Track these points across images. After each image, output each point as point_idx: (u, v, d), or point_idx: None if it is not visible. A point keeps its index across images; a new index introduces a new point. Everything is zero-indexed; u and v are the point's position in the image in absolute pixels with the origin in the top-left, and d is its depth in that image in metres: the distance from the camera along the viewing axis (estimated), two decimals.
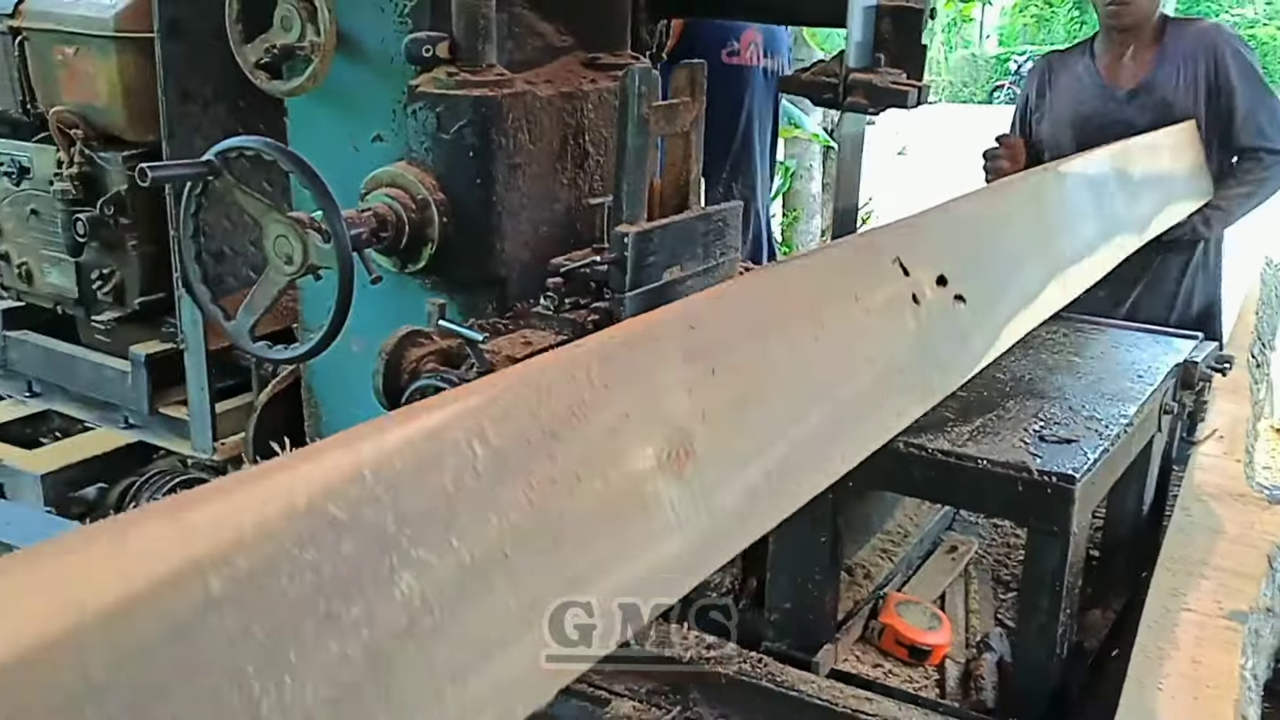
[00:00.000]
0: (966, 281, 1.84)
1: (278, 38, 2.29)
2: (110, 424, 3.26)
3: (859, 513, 2.23)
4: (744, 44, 3.78)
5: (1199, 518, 2.22)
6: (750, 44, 3.80)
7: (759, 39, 3.81)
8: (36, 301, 3.42)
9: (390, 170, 2.24)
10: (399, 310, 2.31)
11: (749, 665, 1.94)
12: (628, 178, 2.11)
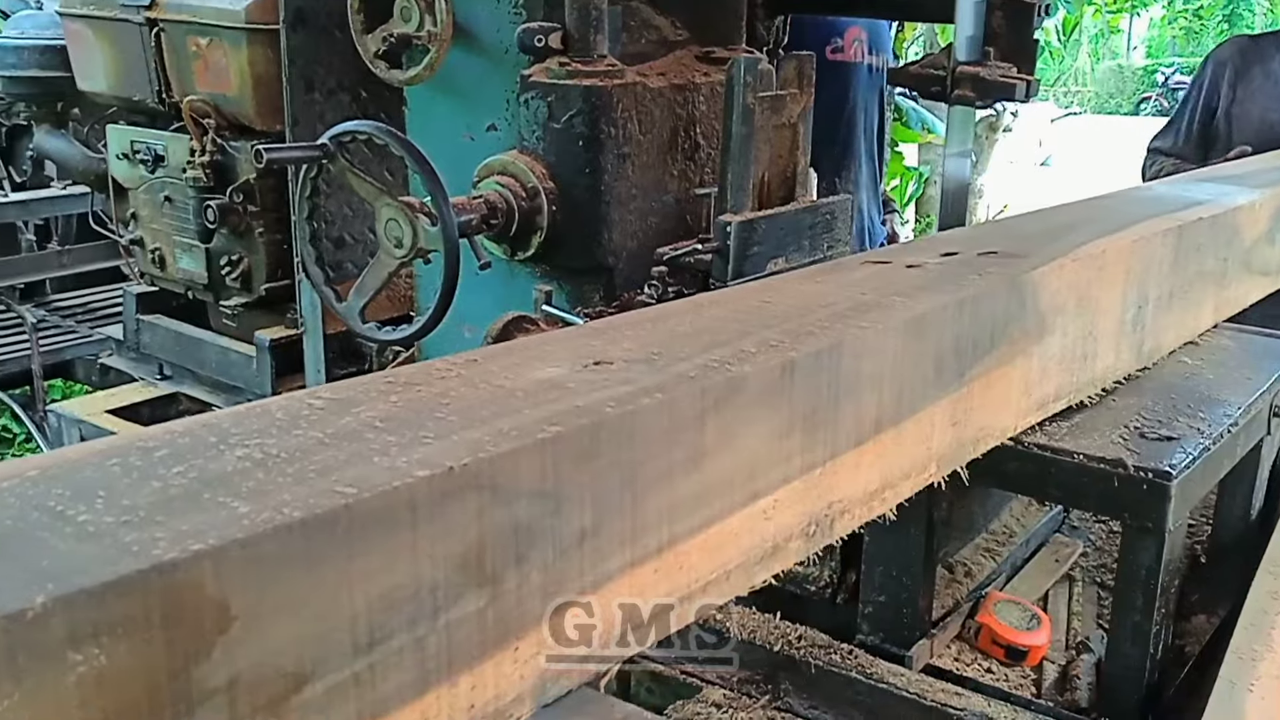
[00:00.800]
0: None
1: (397, 28, 2.34)
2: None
3: (961, 510, 2.20)
4: (848, 40, 3.76)
5: None
6: (855, 40, 3.77)
7: (864, 36, 3.79)
8: (169, 287, 3.55)
9: (502, 158, 2.28)
10: (509, 297, 2.35)
11: (839, 657, 1.93)
12: (732, 167, 2.13)
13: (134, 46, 3.39)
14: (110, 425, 3.32)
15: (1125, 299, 1.80)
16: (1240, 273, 2.29)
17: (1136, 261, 1.79)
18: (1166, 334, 2.04)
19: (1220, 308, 2.26)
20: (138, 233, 3.54)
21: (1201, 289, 2.12)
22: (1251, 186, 2.41)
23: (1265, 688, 1.61)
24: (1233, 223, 2.17)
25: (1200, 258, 2.06)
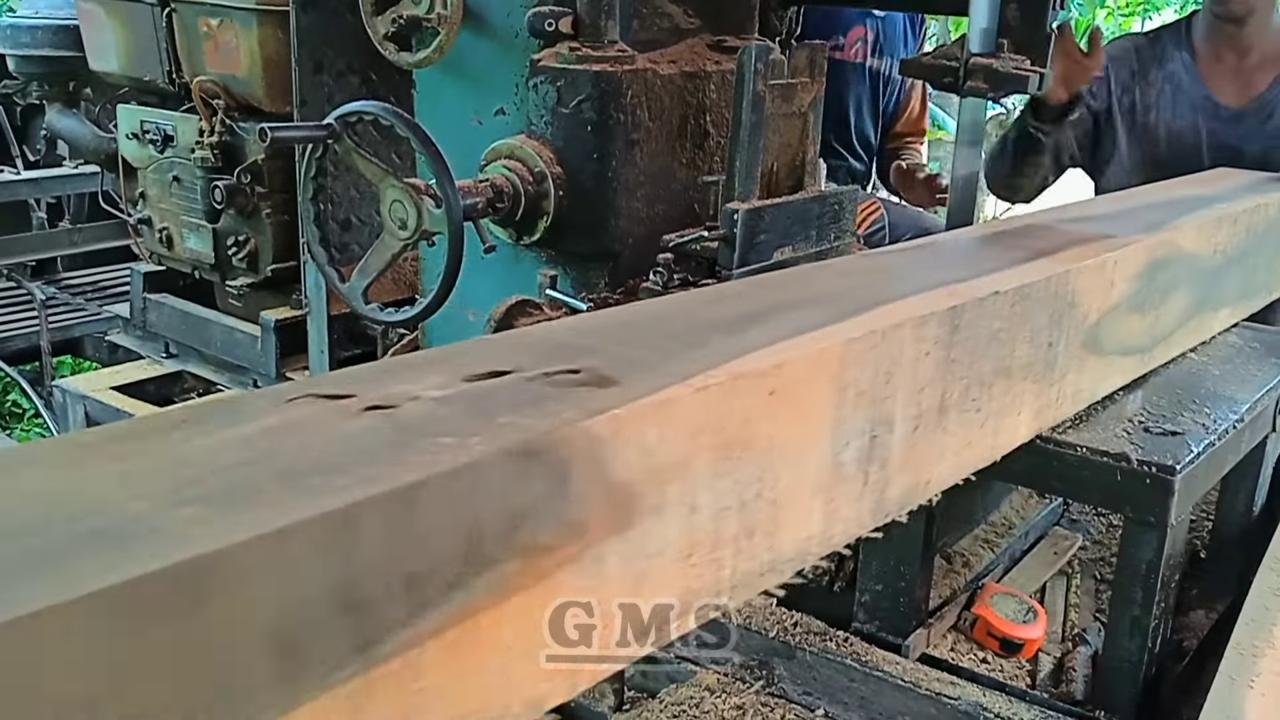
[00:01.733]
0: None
1: (407, 10, 2.34)
2: (239, 386, 3.37)
3: (961, 501, 2.20)
4: (849, 40, 3.77)
5: None
6: (856, 41, 3.79)
7: (869, 38, 3.80)
8: (176, 266, 3.56)
9: (510, 142, 2.28)
10: (514, 282, 2.36)
11: (834, 644, 1.93)
12: (741, 155, 2.12)
13: (146, 27, 3.41)
14: (115, 402, 3.33)
15: (837, 429, 1.22)
16: (1081, 359, 1.76)
17: (860, 367, 1.23)
18: (938, 464, 1.47)
19: (1046, 411, 1.71)
20: (146, 212, 3.55)
21: (1009, 391, 1.57)
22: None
23: (1266, 684, 1.60)
24: (1064, 290, 1.63)
25: (1001, 347, 1.51)
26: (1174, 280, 1.98)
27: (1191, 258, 2.04)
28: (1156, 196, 2.30)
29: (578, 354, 1.07)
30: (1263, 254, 2.40)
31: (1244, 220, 2.22)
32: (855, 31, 3.79)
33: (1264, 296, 2.49)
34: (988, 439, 1.56)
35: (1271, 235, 2.42)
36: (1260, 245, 2.35)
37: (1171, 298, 2.00)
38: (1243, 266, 2.30)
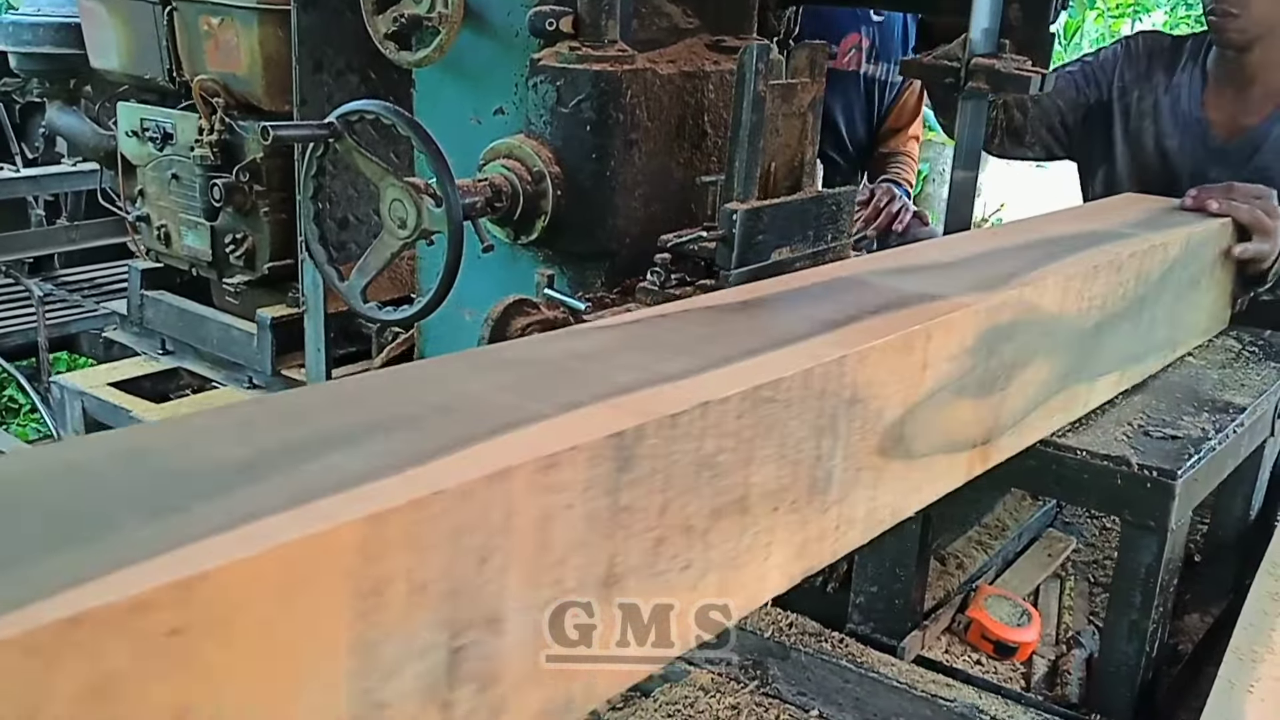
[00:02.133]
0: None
1: (407, 9, 2.34)
2: (235, 383, 3.37)
3: (957, 503, 2.20)
4: (843, 48, 3.77)
5: None
6: (850, 49, 3.79)
7: (865, 45, 3.80)
8: (173, 263, 3.56)
9: (509, 142, 2.28)
10: (511, 282, 2.35)
11: (830, 645, 1.93)
12: (740, 155, 2.12)
13: (146, 25, 3.40)
14: (112, 398, 3.32)
15: (368, 653, 0.80)
16: (876, 469, 1.36)
17: (414, 550, 0.81)
18: (612, 658, 1.05)
19: (817, 545, 1.30)
20: (144, 209, 3.55)
21: (745, 530, 1.16)
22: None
23: (1265, 689, 1.61)
24: (839, 384, 1.24)
25: (724, 476, 1.11)
26: (1026, 350, 1.62)
27: (1053, 319, 1.68)
28: (1018, 236, 1.94)
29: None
30: (1161, 304, 2.06)
31: (1132, 266, 1.89)
32: (849, 39, 3.79)
33: (1164, 355, 2.18)
34: (709, 601, 1.14)
35: (1172, 280, 2.08)
36: (1158, 293, 2.02)
37: (1023, 373, 1.63)
38: (1131, 323, 1.96)
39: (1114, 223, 2.10)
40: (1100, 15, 12.46)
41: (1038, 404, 1.71)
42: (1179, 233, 2.08)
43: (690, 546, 1.09)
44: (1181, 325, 2.21)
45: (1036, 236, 1.93)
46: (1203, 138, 2.81)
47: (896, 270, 1.63)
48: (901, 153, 4.07)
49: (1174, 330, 2.18)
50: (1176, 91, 2.86)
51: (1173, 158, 2.85)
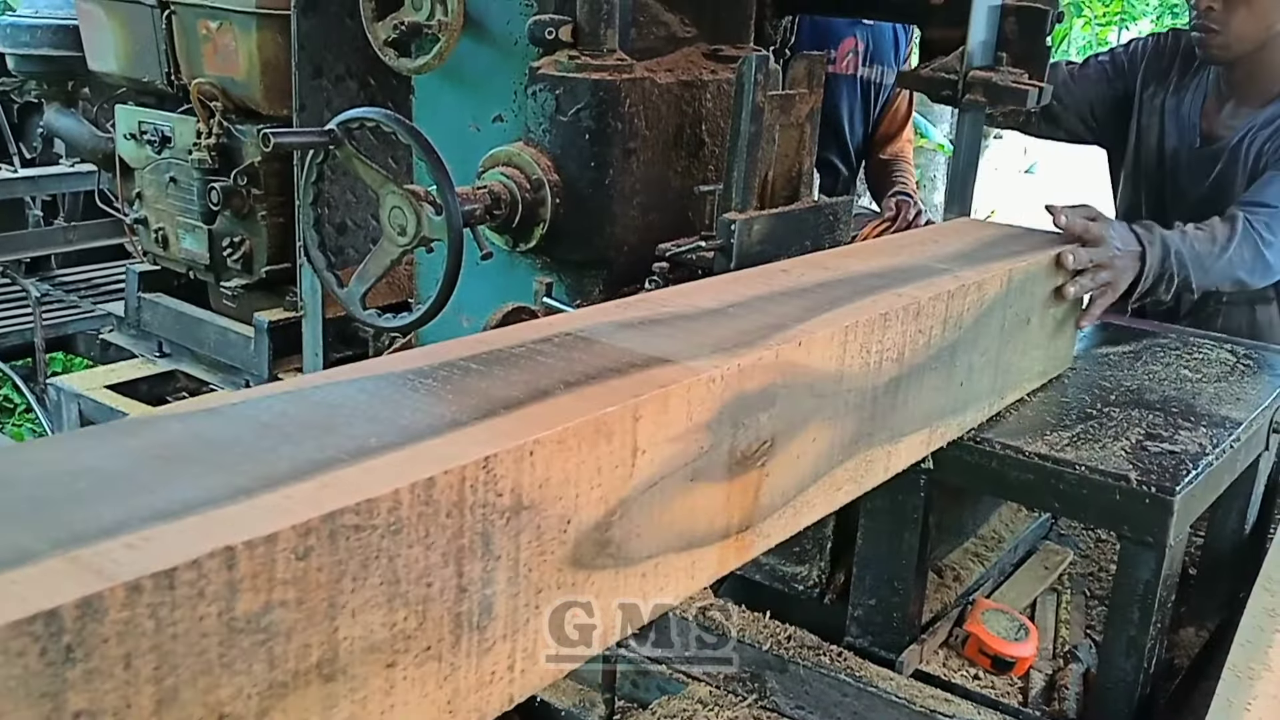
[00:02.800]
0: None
1: (408, 16, 2.34)
2: (232, 386, 3.36)
3: (953, 514, 2.21)
4: (841, 53, 3.77)
5: None
6: (848, 53, 3.79)
7: (860, 48, 3.80)
8: (171, 266, 3.56)
9: (507, 149, 2.28)
10: (509, 288, 2.35)
11: (828, 659, 1.93)
12: (738, 165, 2.12)
13: (145, 28, 3.40)
14: (108, 401, 3.32)
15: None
16: (572, 585, 1.08)
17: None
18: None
19: (467, 704, 1.00)
20: (142, 212, 3.54)
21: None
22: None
23: (1263, 708, 1.60)
24: (476, 498, 0.95)
25: (263, 648, 0.80)
26: (791, 418, 1.36)
27: (829, 379, 1.42)
28: (816, 274, 1.68)
29: None
30: (978, 350, 1.81)
31: (935, 311, 1.63)
32: (846, 43, 3.79)
33: (989, 404, 1.94)
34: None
35: (992, 323, 1.83)
36: (974, 339, 1.78)
37: (791, 444, 1.37)
38: (941, 373, 1.71)
39: (929, 256, 1.86)
40: (1088, 23, 12.50)
41: (817, 477, 1.46)
42: (998, 268, 1.82)
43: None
44: (1010, 370, 1.97)
45: (830, 275, 1.67)
46: (1191, 141, 2.87)
47: (641, 322, 1.36)
48: (901, 160, 4.06)
49: (1001, 376, 1.93)
50: (1184, 94, 2.89)
51: (1168, 159, 2.91)
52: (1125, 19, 12.97)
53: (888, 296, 1.56)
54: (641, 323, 1.35)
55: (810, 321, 1.40)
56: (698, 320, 1.39)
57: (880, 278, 1.67)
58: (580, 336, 1.27)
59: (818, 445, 1.43)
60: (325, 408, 0.99)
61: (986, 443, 1.88)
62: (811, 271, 1.68)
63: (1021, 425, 1.95)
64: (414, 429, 0.96)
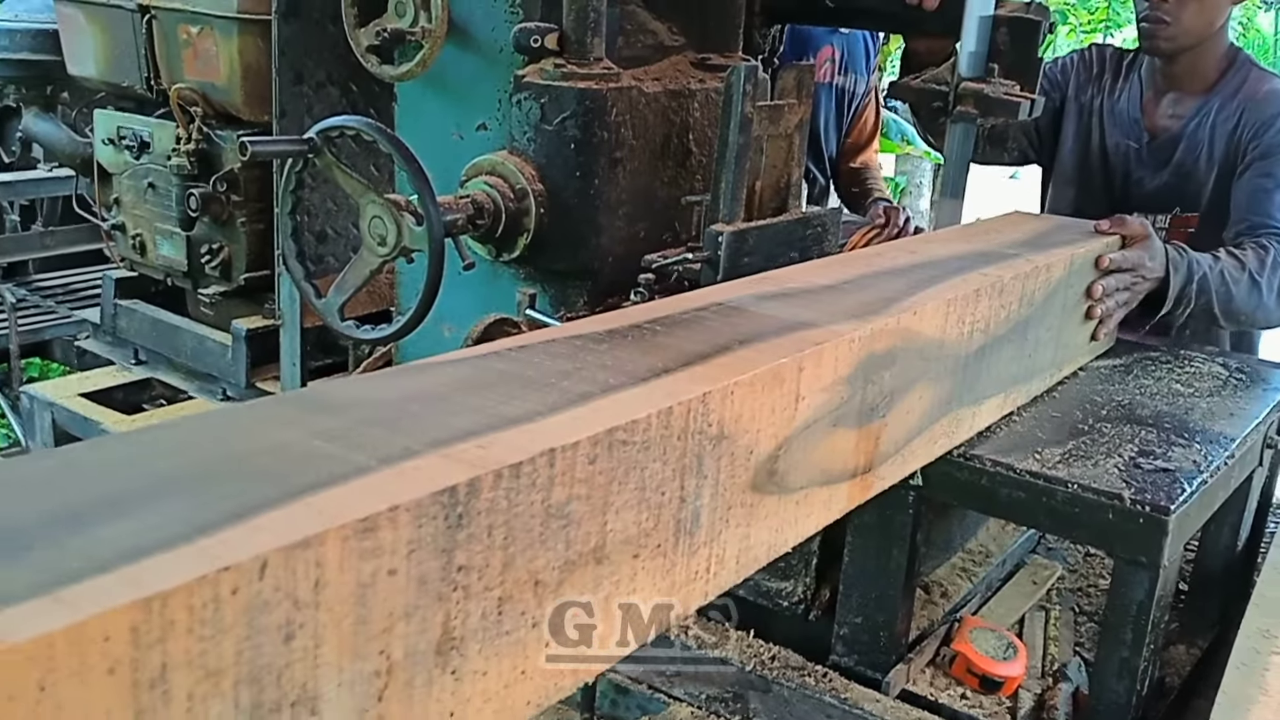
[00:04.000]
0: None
1: (390, 22, 2.30)
2: (208, 395, 3.32)
3: (940, 529, 2.18)
4: (819, 60, 3.78)
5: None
6: (825, 61, 3.80)
7: (836, 56, 3.81)
8: (148, 272, 3.52)
9: (491, 158, 2.25)
10: (491, 298, 2.32)
11: (813, 679, 1.90)
12: (726, 176, 2.09)
13: (125, 33, 3.36)
14: (82, 410, 3.27)
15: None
16: (749, 506, 1.30)
17: (190, 638, 0.71)
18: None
19: (687, 588, 1.24)
20: (120, 218, 3.49)
21: (604, 580, 1.10)
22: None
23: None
24: (701, 423, 1.17)
25: (577, 525, 1.04)
26: (906, 377, 1.56)
27: (934, 345, 1.62)
28: (906, 258, 1.87)
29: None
30: (1044, 326, 2.02)
31: (1015, 289, 1.85)
32: (824, 51, 3.80)
33: (1048, 376, 2.15)
34: (563, 664, 1.07)
35: (1056, 302, 2.05)
36: (1040, 316, 1.98)
37: (904, 400, 1.58)
38: (1015, 346, 1.91)
39: (997, 243, 2.06)
40: (1073, 30, 12.57)
41: (920, 430, 1.66)
42: (1062, 253, 2.04)
43: (540, 604, 1.01)
44: (1067, 345, 2.19)
45: (918, 259, 1.87)
46: (1137, 138, 2.97)
47: (775, 295, 1.56)
48: (871, 168, 4.09)
49: (1059, 351, 2.15)
50: (1119, 96, 3.02)
51: (1111, 156, 3.01)
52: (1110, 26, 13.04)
53: (975, 276, 1.76)
54: (775, 296, 1.55)
55: (918, 295, 1.60)
56: (822, 294, 1.58)
57: (963, 260, 1.87)
58: (731, 306, 1.48)
59: (923, 402, 1.64)
60: (562, 359, 1.21)
61: (977, 459, 1.85)
62: (903, 255, 1.89)
63: (1012, 441, 1.92)
64: (639, 373, 1.18)
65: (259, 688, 0.76)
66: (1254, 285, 2.51)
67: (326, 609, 0.79)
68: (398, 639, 0.86)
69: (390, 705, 0.87)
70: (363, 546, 0.81)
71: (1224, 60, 2.90)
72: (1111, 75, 3.06)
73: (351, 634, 0.82)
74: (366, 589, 0.82)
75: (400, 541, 0.84)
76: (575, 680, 1.07)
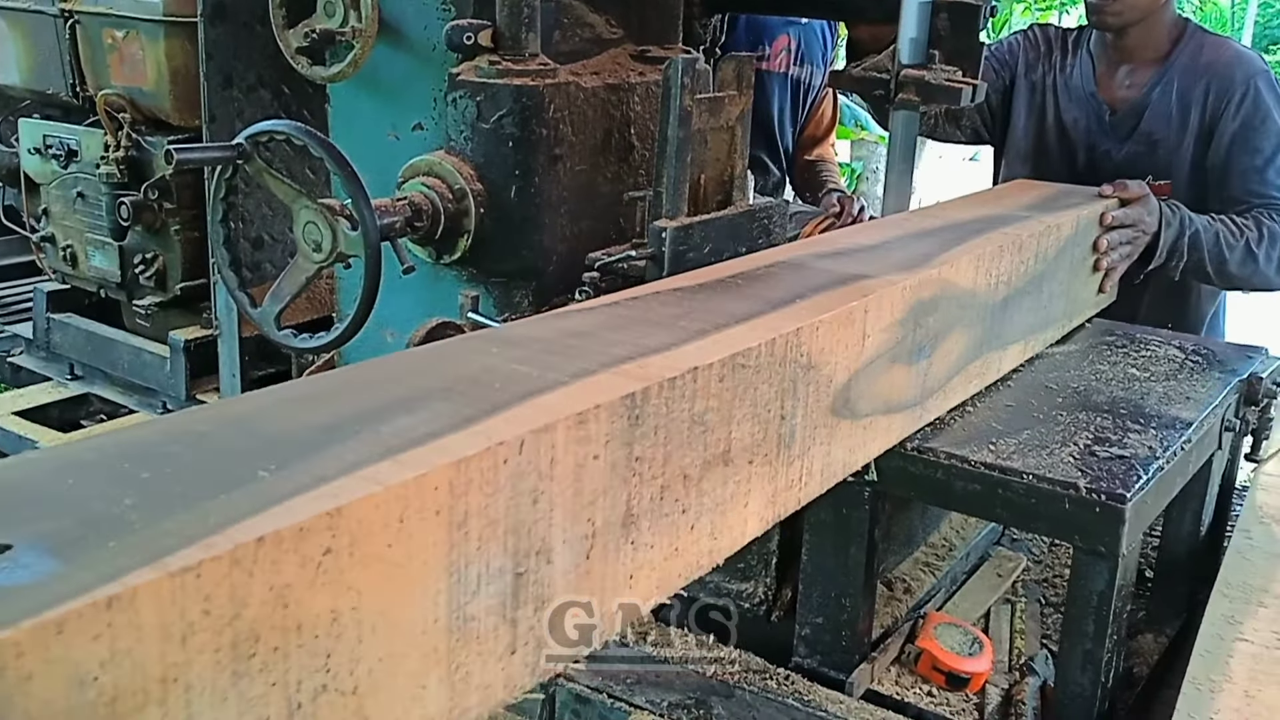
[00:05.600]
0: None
1: (320, 23, 2.24)
2: (148, 409, 3.24)
3: (901, 524, 2.15)
4: (774, 50, 3.74)
5: (1260, 541, 2.11)
6: (781, 50, 3.76)
7: (793, 46, 3.77)
8: (81, 285, 3.43)
9: (428, 159, 2.19)
10: (433, 301, 2.27)
11: (775, 683, 1.86)
12: (668, 171, 2.05)
13: (48, 38, 3.27)
14: (17, 429, 3.18)
15: (456, 575, 0.98)
16: (830, 427, 1.53)
17: (486, 492, 0.99)
18: (630, 587, 1.22)
19: (786, 494, 1.48)
20: (50, 229, 3.40)
21: (728, 480, 1.33)
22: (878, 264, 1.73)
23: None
24: (797, 352, 1.41)
25: (710, 432, 1.28)
26: (946, 322, 1.79)
27: (967, 294, 1.85)
28: (931, 221, 2.09)
29: (32, 511, 0.80)
30: (1056, 280, 2.24)
31: (1032, 246, 2.06)
32: (780, 41, 3.75)
33: (1061, 326, 2.36)
34: (702, 543, 1.31)
35: (1065, 259, 2.26)
36: (1053, 271, 2.20)
37: (945, 342, 1.80)
38: (1033, 297, 2.13)
39: (1010, 207, 2.26)
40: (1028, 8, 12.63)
41: (959, 370, 1.89)
42: (1070, 214, 2.27)
43: (687, 493, 1.26)
44: (1076, 299, 2.41)
45: (945, 221, 2.08)
46: (1097, 111, 3.03)
47: (831, 254, 1.80)
48: (827, 160, 4.05)
49: (1070, 304, 2.37)
50: (1071, 71, 3.09)
51: (1070, 131, 3.07)
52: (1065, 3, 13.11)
53: (997, 235, 1.98)
54: (829, 255, 1.80)
55: (952, 251, 1.83)
56: (868, 252, 1.82)
57: (983, 222, 2.09)
58: (795, 263, 1.74)
59: (959, 345, 1.87)
60: (672, 305, 1.48)
61: (931, 452, 1.82)
62: (928, 220, 2.11)
63: (967, 432, 1.89)
64: (738, 315, 1.42)
65: (517, 537, 1.03)
66: (1249, 254, 2.72)
67: (557, 481, 1.06)
68: (599, 511, 1.13)
69: (594, 563, 1.14)
70: (579, 434, 1.08)
71: (1174, 29, 2.96)
72: (1060, 52, 3.12)
73: (571, 503, 1.09)
74: (581, 468, 1.09)
75: (601, 433, 1.10)
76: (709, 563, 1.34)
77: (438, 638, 0.96)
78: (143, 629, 0.71)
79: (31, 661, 0.66)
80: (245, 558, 0.77)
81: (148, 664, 0.72)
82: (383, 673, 0.91)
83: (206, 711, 0.76)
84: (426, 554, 0.93)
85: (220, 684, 0.77)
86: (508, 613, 1.04)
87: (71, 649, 0.67)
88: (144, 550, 0.74)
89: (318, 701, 0.85)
